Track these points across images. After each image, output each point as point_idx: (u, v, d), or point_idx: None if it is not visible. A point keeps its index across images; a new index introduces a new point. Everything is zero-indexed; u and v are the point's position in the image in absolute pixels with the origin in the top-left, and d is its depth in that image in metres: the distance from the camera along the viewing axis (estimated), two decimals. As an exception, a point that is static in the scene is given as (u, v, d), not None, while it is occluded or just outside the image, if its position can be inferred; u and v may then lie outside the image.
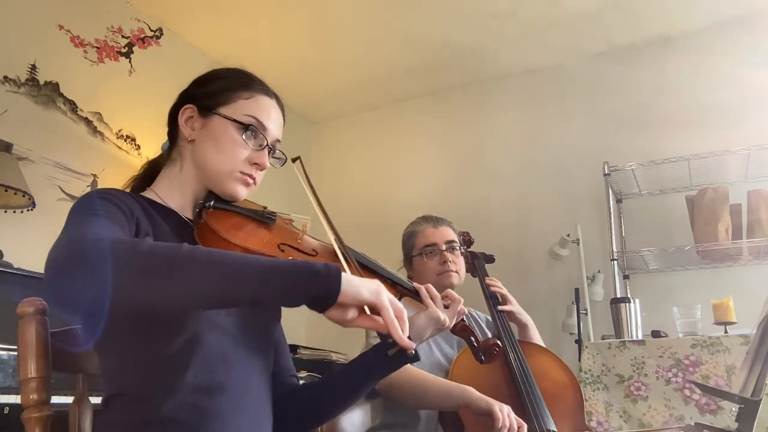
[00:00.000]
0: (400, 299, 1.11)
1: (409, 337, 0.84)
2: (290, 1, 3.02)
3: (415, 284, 1.14)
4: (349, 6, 3.05)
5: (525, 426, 1.44)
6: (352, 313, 0.80)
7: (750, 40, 3.02)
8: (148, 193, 1.05)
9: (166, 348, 0.88)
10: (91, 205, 0.88)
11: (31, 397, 0.90)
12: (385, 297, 0.82)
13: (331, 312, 0.79)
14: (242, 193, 1.05)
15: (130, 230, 0.89)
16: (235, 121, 1.03)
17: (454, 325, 1.15)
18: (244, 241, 0.96)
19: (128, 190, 1.09)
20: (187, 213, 1.05)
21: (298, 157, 1.13)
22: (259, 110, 1.05)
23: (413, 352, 0.87)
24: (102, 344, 0.91)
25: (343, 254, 1.00)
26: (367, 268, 1.09)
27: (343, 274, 0.79)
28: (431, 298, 1.13)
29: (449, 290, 1.17)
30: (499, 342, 1.16)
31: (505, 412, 1.43)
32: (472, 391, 1.51)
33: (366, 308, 0.82)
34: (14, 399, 1.62)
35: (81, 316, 0.86)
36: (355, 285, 0.79)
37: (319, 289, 0.77)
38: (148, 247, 0.75)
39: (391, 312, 0.81)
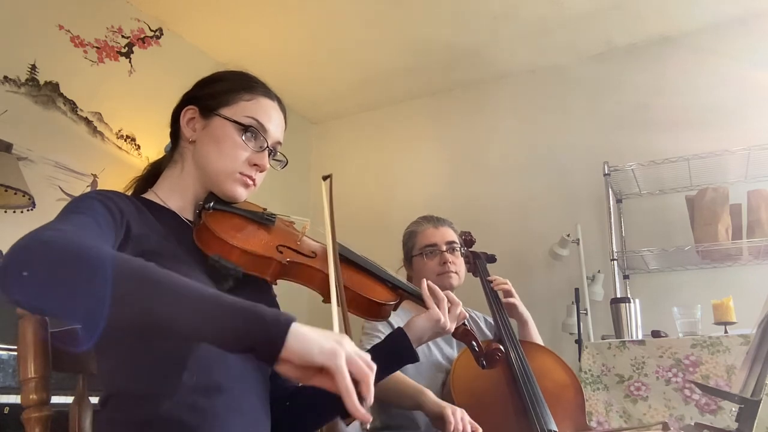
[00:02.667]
0: (400, 302, 1.10)
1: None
2: (290, 1, 3.02)
3: (415, 287, 1.14)
4: (349, 6, 3.04)
5: (479, 429, 1.41)
6: (304, 372, 0.70)
7: (750, 40, 3.02)
8: (149, 195, 1.06)
9: (164, 348, 0.88)
10: (78, 203, 0.88)
11: (31, 397, 0.90)
12: (341, 361, 0.69)
13: (279, 367, 0.70)
14: (242, 194, 1.05)
15: (117, 231, 0.89)
16: (235, 122, 1.03)
17: (456, 329, 1.15)
18: (242, 242, 0.96)
19: (131, 192, 1.10)
20: (187, 214, 1.05)
21: (330, 176, 1.10)
22: (260, 112, 1.06)
23: (368, 426, 0.75)
24: (100, 344, 0.91)
25: (337, 289, 0.93)
26: (366, 271, 1.09)
27: (295, 327, 0.69)
28: (437, 300, 1.13)
29: (449, 293, 1.16)
30: (501, 347, 1.15)
31: (458, 416, 1.41)
32: (426, 394, 1.50)
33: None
34: (14, 399, 1.62)
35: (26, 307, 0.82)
36: (305, 341, 0.69)
37: (259, 338, 0.68)
38: (78, 247, 0.70)
39: (346, 379, 0.69)
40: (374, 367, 0.72)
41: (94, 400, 0.98)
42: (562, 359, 1.77)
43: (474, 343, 1.15)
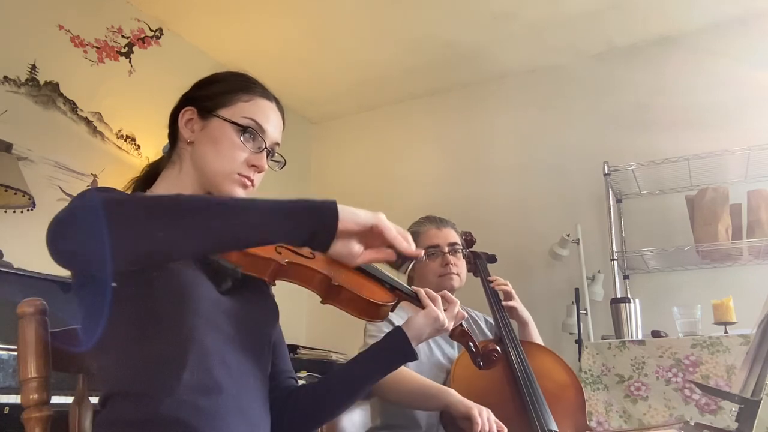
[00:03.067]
0: (398, 303, 1.11)
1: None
2: (290, 1, 3.02)
3: (413, 287, 1.15)
4: (349, 6, 3.05)
5: (505, 429, 1.42)
6: (357, 247, 0.83)
7: (750, 40, 3.02)
8: None
9: (164, 347, 0.88)
10: (88, 191, 0.89)
11: (31, 397, 0.90)
12: (384, 218, 0.85)
13: (335, 247, 0.81)
14: (240, 195, 1.05)
15: None
16: (233, 123, 1.03)
17: (453, 330, 1.16)
18: None
19: (129, 192, 1.10)
20: None
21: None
22: (259, 113, 1.06)
23: (423, 259, 0.87)
24: (100, 344, 0.91)
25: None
26: (363, 272, 1.09)
27: (339, 205, 0.81)
28: (433, 299, 1.14)
29: (445, 292, 1.17)
30: (498, 348, 1.16)
31: (484, 416, 1.42)
32: (453, 394, 1.50)
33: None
34: (14, 399, 1.61)
35: (89, 267, 0.86)
36: (351, 211, 0.82)
37: (317, 219, 0.79)
38: (149, 197, 0.80)
39: (393, 230, 0.85)
40: (408, 233, 0.88)
41: (94, 400, 0.98)
42: (563, 359, 1.77)
43: (471, 343, 1.16)
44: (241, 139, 1.03)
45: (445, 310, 1.13)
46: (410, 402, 1.59)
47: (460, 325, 1.18)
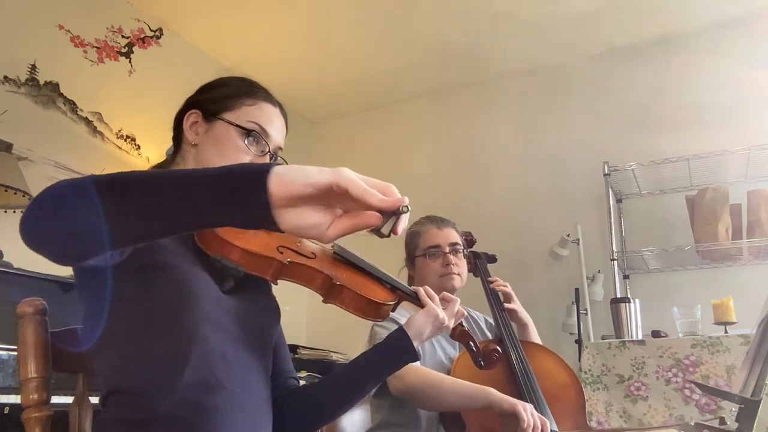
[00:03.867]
0: (399, 303, 1.11)
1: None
2: (290, 2, 3.02)
3: (413, 287, 1.15)
4: (348, 6, 3.05)
5: (548, 423, 1.43)
6: (317, 215, 0.62)
7: (750, 40, 3.02)
8: None
9: (166, 346, 0.88)
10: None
11: (31, 397, 0.90)
12: (349, 172, 0.63)
13: (286, 220, 0.60)
14: None
15: None
16: (238, 126, 1.04)
17: (453, 330, 1.16)
18: (244, 243, 0.97)
19: None
20: None
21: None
22: (263, 117, 1.07)
23: (406, 207, 0.65)
24: (101, 342, 0.91)
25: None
26: (364, 272, 1.09)
27: (278, 167, 0.61)
28: (433, 298, 1.14)
29: (444, 292, 1.18)
30: (498, 348, 1.16)
31: (528, 411, 1.43)
32: (494, 392, 1.50)
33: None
34: (14, 399, 1.62)
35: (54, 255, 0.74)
36: (296, 169, 0.61)
37: (243, 184, 0.60)
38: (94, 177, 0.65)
39: (361, 183, 0.62)
40: (390, 185, 0.66)
41: (94, 400, 0.99)
42: (563, 359, 1.77)
43: (471, 343, 1.17)
44: (245, 142, 1.04)
45: (444, 309, 1.14)
46: (445, 403, 1.57)
47: (461, 324, 1.18)
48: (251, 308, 1.01)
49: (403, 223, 0.66)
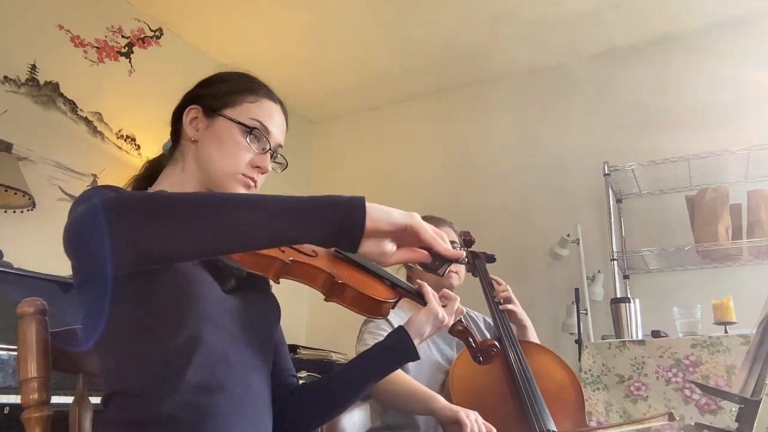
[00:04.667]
0: (399, 300, 1.11)
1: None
2: (290, 1, 3.02)
3: (412, 285, 1.16)
4: (349, 6, 3.05)
5: (494, 430, 1.41)
6: (389, 246, 0.79)
7: (750, 40, 3.02)
8: None
9: (167, 346, 0.88)
10: (96, 190, 0.89)
11: (31, 397, 0.90)
12: (419, 218, 0.80)
13: (366, 246, 0.76)
14: None
15: None
16: (240, 123, 1.04)
17: (452, 327, 1.17)
18: None
19: (129, 189, 1.10)
20: None
21: None
22: (264, 114, 1.06)
23: (465, 259, 0.88)
24: (102, 342, 0.91)
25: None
26: (365, 269, 1.09)
27: (368, 203, 0.76)
28: (431, 296, 1.15)
29: (445, 290, 1.18)
30: (497, 343, 1.17)
31: (472, 418, 1.40)
32: (438, 400, 1.49)
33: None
34: (14, 399, 1.62)
35: (118, 276, 0.82)
36: (383, 210, 0.77)
37: (342, 216, 0.74)
38: (149, 195, 0.76)
39: (430, 230, 0.80)
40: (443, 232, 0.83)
41: (94, 400, 0.99)
42: (563, 359, 1.77)
43: (470, 339, 1.17)
44: (247, 140, 1.04)
45: (444, 307, 1.14)
46: (399, 405, 1.59)
47: (460, 321, 1.18)
48: (252, 308, 1.01)
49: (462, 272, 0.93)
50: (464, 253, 0.83)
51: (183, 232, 0.72)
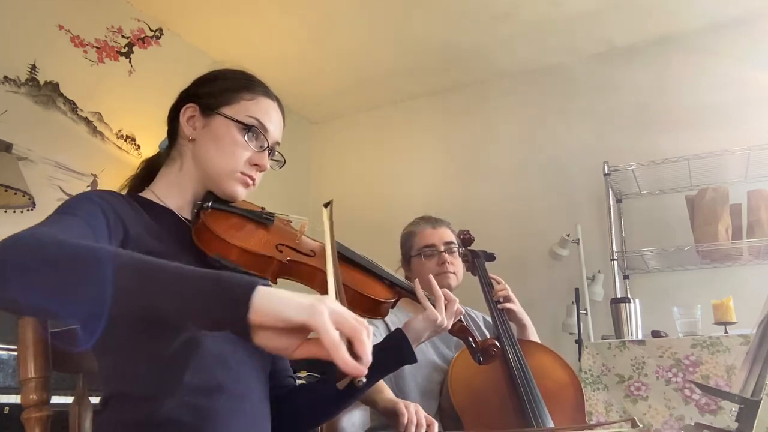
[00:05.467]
0: (398, 300, 1.11)
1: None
2: (290, 1, 3.02)
3: (412, 284, 1.15)
4: (349, 6, 3.05)
5: (435, 424, 1.37)
6: (287, 340, 0.64)
7: (750, 40, 3.02)
8: (146, 194, 1.05)
9: (165, 349, 0.88)
10: (71, 204, 0.88)
11: (31, 397, 0.90)
12: (323, 315, 0.62)
13: (258, 339, 0.64)
14: (241, 193, 1.05)
15: (112, 232, 0.88)
16: (237, 121, 1.03)
17: (452, 326, 1.16)
18: (242, 241, 0.96)
19: (125, 191, 1.10)
20: (185, 213, 1.05)
21: (330, 202, 1.06)
22: (261, 112, 1.06)
23: (363, 380, 0.66)
24: (100, 345, 0.91)
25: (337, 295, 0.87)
26: (364, 269, 1.09)
27: (264, 288, 0.63)
28: (434, 298, 1.14)
29: (445, 290, 1.17)
30: (497, 343, 1.16)
31: (411, 409, 1.37)
32: (382, 393, 1.47)
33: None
34: (14, 399, 1.62)
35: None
36: (278, 299, 0.63)
37: (222, 309, 0.63)
38: (39, 245, 0.67)
39: (330, 332, 0.62)
40: (366, 324, 0.65)
41: (94, 400, 0.99)
42: (562, 358, 1.77)
43: (470, 339, 1.17)
44: (245, 138, 1.03)
45: (444, 308, 1.14)
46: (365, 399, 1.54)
47: (459, 320, 1.18)
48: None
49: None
50: (365, 371, 0.64)
51: (40, 289, 0.65)
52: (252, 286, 0.63)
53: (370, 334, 0.65)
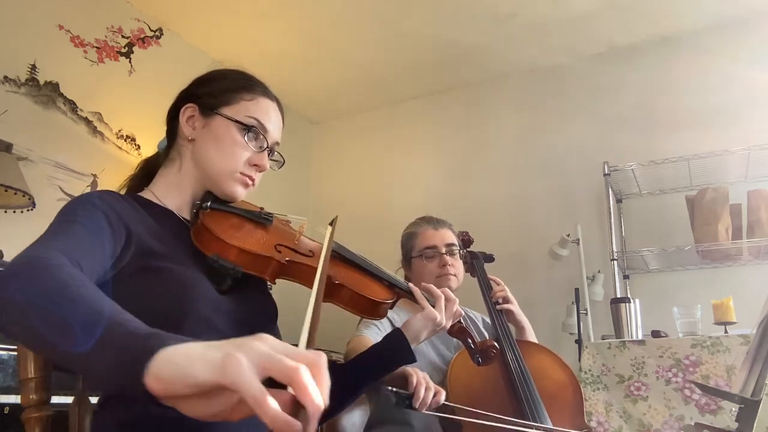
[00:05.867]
0: (397, 300, 1.11)
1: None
2: (290, 2, 3.02)
3: (410, 285, 1.15)
4: (348, 6, 3.04)
5: (443, 392, 1.39)
6: (215, 404, 0.52)
7: (750, 40, 3.02)
8: (145, 194, 1.05)
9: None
10: (74, 209, 0.88)
11: (31, 397, 0.90)
12: (242, 366, 0.49)
13: (179, 406, 0.54)
14: (241, 193, 1.05)
15: (115, 234, 0.88)
16: (237, 122, 1.04)
17: (451, 327, 1.16)
18: (241, 242, 0.96)
19: (124, 191, 1.10)
20: (184, 213, 1.05)
21: (335, 219, 1.00)
22: (261, 112, 1.06)
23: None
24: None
25: (308, 339, 0.71)
26: (363, 269, 1.09)
27: (168, 349, 0.52)
28: (434, 298, 1.14)
29: (445, 289, 1.17)
30: (496, 344, 1.16)
31: (420, 375, 1.39)
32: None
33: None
34: (14, 399, 1.62)
35: None
36: (182, 360, 0.51)
37: (120, 374, 0.54)
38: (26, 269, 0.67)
39: (253, 388, 0.48)
40: (313, 358, 0.52)
41: (94, 400, 0.98)
42: (561, 358, 1.77)
43: (469, 340, 1.17)
44: (245, 138, 1.04)
45: (444, 309, 1.14)
46: None
47: (459, 322, 1.18)
48: (248, 308, 1.00)
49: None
50: (300, 427, 0.48)
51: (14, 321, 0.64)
52: (151, 350, 0.52)
53: (321, 368, 0.52)
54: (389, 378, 1.42)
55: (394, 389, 1.32)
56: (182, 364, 0.51)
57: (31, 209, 2.30)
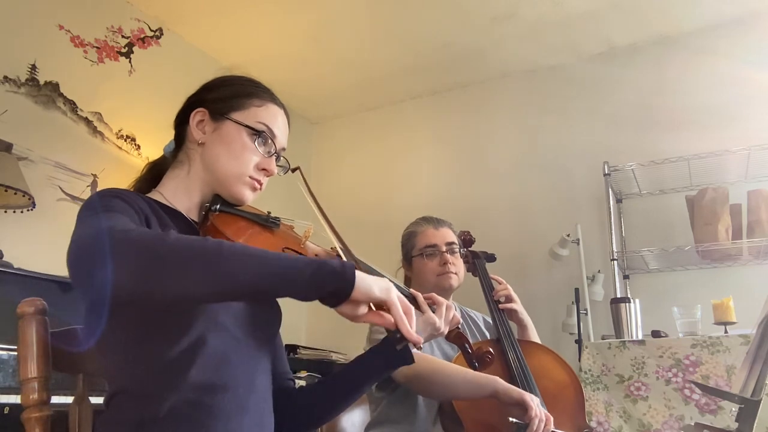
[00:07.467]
0: None
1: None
2: (290, 2, 3.02)
3: (412, 290, 1.15)
4: (349, 6, 3.05)
5: (551, 419, 1.45)
6: (362, 309, 0.85)
7: (750, 40, 3.02)
8: (153, 195, 1.06)
9: (170, 348, 0.89)
10: (105, 202, 0.89)
11: (31, 397, 0.90)
12: (395, 294, 0.86)
13: (343, 308, 0.83)
14: (249, 196, 1.08)
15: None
16: (248, 126, 1.06)
17: (449, 333, 1.17)
18: (249, 243, 0.97)
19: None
20: (192, 215, 1.07)
21: (298, 167, 1.17)
22: (270, 118, 1.09)
23: (421, 346, 0.91)
24: (105, 343, 0.92)
25: (346, 255, 1.04)
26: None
27: (357, 271, 0.82)
28: (434, 304, 1.15)
29: (435, 295, 1.16)
30: (491, 350, 1.18)
31: (536, 402, 1.44)
32: (501, 382, 1.50)
33: (372, 305, 0.87)
34: (14, 399, 1.62)
35: (114, 305, 0.86)
36: (367, 283, 0.83)
37: (334, 285, 0.81)
38: (174, 238, 0.77)
39: (400, 308, 0.86)
40: (409, 307, 0.89)
41: (95, 400, 0.99)
42: (562, 358, 1.77)
43: (466, 345, 1.18)
44: (255, 143, 1.06)
45: (441, 316, 1.15)
46: (454, 391, 1.55)
47: (457, 328, 1.19)
48: (254, 309, 1.01)
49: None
50: (421, 340, 0.91)
51: (187, 279, 0.75)
52: (353, 270, 0.82)
53: (412, 312, 0.89)
54: (509, 400, 1.47)
55: (514, 420, 1.43)
56: (369, 284, 0.84)
57: (31, 209, 2.30)
